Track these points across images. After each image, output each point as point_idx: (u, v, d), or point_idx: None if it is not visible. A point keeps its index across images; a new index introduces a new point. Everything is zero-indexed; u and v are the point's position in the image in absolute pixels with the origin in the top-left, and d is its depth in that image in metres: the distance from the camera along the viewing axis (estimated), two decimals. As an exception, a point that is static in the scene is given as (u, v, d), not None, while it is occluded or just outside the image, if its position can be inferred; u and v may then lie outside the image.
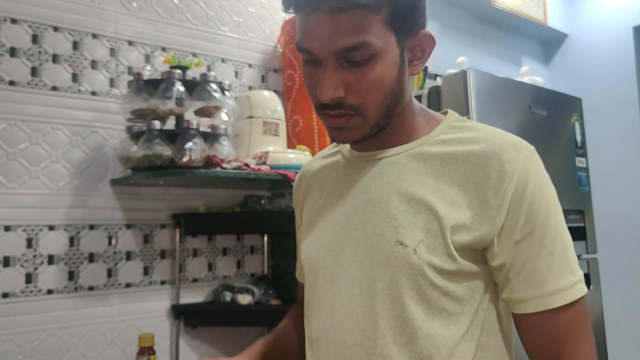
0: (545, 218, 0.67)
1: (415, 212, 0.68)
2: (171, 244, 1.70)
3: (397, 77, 0.70)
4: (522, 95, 1.66)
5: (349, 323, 0.71)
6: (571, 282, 0.66)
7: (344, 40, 0.65)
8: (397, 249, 0.68)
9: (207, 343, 1.74)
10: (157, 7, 1.74)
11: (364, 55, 0.66)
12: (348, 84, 0.68)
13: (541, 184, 0.68)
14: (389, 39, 0.67)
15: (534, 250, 0.66)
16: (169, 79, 1.46)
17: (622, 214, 2.71)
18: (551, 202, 0.69)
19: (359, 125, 0.71)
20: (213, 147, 1.50)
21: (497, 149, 0.68)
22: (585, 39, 3.00)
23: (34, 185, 1.49)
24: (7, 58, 1.48)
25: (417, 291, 0.67)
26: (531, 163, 0.68)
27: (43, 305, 1.47)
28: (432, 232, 0.67)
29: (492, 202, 0.66)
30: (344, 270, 0.73)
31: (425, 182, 0.70)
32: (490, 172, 0.67)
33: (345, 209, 0.76)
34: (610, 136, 2.78)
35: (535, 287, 0.66)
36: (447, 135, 0.73)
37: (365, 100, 0.69)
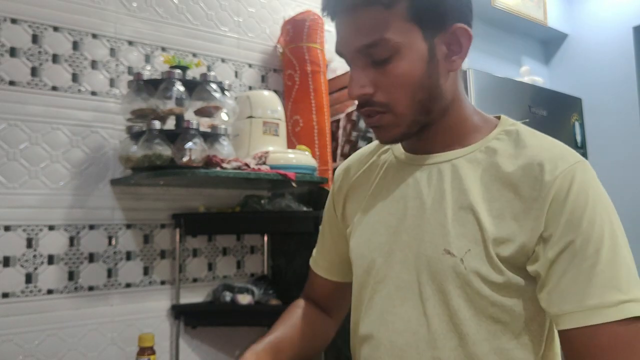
0: (589, 228, 0.63)
1: (463, 221, 0.68)
2: (171, 244, 1.70)
3: (425, 72, 0.68)
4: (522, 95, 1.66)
5: (400, 324, 0.72)
6: (617, 300, 0.60)
7: (363, 38, 0.67)
8: (445, 257, 0.68)
9: (207, 343, 1.74)
10: (157, 7, 1.74)
11: (385, 52, 0.67)
12: (376, 82, 0.69)
13: (586, 193, 0.64)
14: (412, 34, 0.67)
15: (574, 262, 0.62)
16: (169, 79, 1.45)
17: (622, 214, 2.70)
18: (598, 212, 0.64)
19: (394, 123, 0.71)
20: (213, 147, 1.50)
21: (541, 160, 0.67)
22: (585, 39, 3.00)
23: (34, 185, 1.49)
24: (7, 58, 1.48)
25: (465, 299, 0.67)
26: (577, 171, 0.65)
27: (43, 305, 1.47)
28: (479, 243, 0.66)
29: (533, 213, 0.65)
30: (395, 272, 0.74)
31: (475, 192, 0.69)
32: (533, 184, 0.66)
33: (398, 212, 0.76)
34: (610, 136, 2.79)
35: (573, 300, 0.62)
36: (499, 142, 0.72)
37: (394, 97, 0.69)
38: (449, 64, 0.71)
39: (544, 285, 0.65)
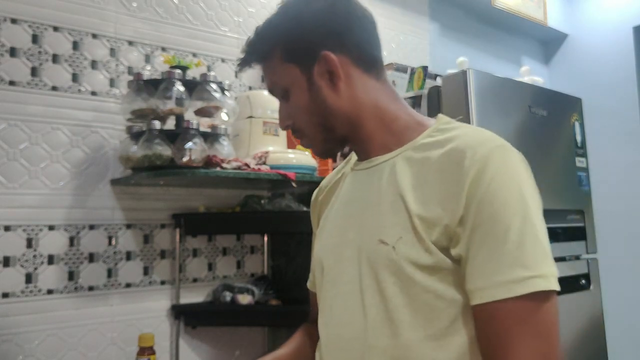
0: (501, 209, 0.66)
1: (396, 211, 0.73)
2: (171, 244, 1.70)
3: (309, 99, 0.79)
4: (522, 95, 1.66)
5: (345, 317, 0.77)
6: (523, 276, 0.63)
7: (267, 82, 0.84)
8: (379, 247, 0.73)
9: (207, 343, 1.74)
10: (157, 7, 1.74)
11: (280, 91, 0.81)
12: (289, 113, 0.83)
13: (501, 175, 0.67)
14: (292, 72, 0.79)
15: (486, 240, 0.66)
16: (169, 79, 1.45)
17: (622, 214, 2.71)
18: (512, 193, 0.67)
19: (311, 142, 0.83)
20: (213, 147, 1.50)
21: (464, 146, 0.70)
22: (585, 39, 3.00)
23: (34, 185, 1.49)
24: (7, 58, 1.48)
25: (399, 286, 0.71)
26: (493, 156, 0.68)
27: (43, 305, 1.47)
28: (409, 230, 0.71)
29: (454, 197, 0.68)
30: (343, 269, 0.79)
31: (405, 184, 0.74)
32: (455, 169, 0.69)
33: (347, 213, 0.83)
34: (610, 136, 2.79)
35: (483, 277, 0.65)
36: (431, 138, 0.77)
37: (298, 123, 0.82)
38: (333, 85, 0.79)
39: (465, 266, 0.68)
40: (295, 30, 0.79)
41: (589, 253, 1.82)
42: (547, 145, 1.70)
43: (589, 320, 1.75)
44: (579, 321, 1.70)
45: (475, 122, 1.46)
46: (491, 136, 0.73)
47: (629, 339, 2.60)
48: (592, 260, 1.83)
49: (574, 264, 1.77)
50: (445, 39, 2.63)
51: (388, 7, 2.41)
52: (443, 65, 2.20)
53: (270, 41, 0.79)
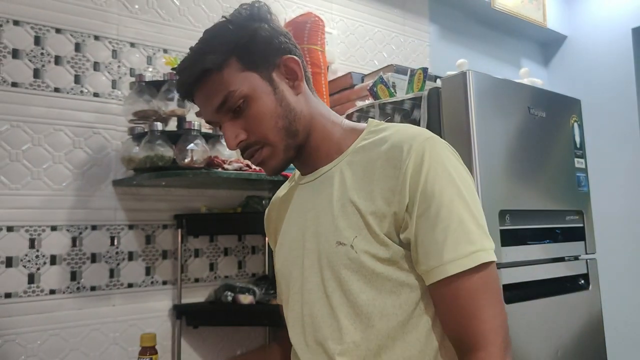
0: (440, 195, 0.72)
1: (348, 214, 0.77)
2: (173, 245, 1.71)
3: (275, 102, 0.80)
4: (521, 96, 1.67)
5: (316, 323, 0.80)
6: (468, 251, 0.71)
7: (214, 100, 0.79)
8: (338, 248, 0.77)
9: (208, 343, 1.75)
10: (158, 9, 1.75)
11: (237, 101, 0.78)
12: (244, 127, 0.80)
13: (436, 164, 0.74)
14: (251, 79, 0.79)
15: (432, 225, 0.72)
16: (171, 80, 1.46)
17: (621, 215, 2.72)
18: (447, 180, 0.73)
19: (272, 153, 0.81)
20: (214, 148, 1.51)
21: (399, 142, 0.76)
22: (584, 40, 3.02)
23: (37, 186, 1.50)
24: (10, 59, 1.49)
25: (364, 281, 0.75)
26: (426, 147, 0.74)
27: (45, 305, 1.48)
28: (362, 227, 0.75)
29: (398, 188, 0.74)
30: (306, 278, 0.82)
31: (351, 187, 0.79)
32: (394, 163, 0.75)
33: (301, 225, 0.86)
34: (609, 137, 2.80)
35: (433, 257, 0.71)
36: (366, 141, 0.82)
37: (262, 132, 0.80)
38: (293, 89, 0.83)
39: (414, 250, 0.74)
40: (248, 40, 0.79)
41: (588, 253, 1.83)
42: (546, 146, 1.71)
43: (588, 320, 1.76)
44: (578, 321, 1.71)
45: (474, 124, 1.47)
46: (421, 131, 0.79)
47: (628, 338, 2.61)
48: (590, 261, 1.83)
49: (572, 264, 1.78)
50: (445, 40, 2.64)
51: (388, 9, 2.42)
52: (443, 67, 2.21)
53: (224, 51, 0.78)
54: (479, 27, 2.82)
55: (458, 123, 1.48)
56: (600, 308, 1.83)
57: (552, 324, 1.60)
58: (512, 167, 1.53)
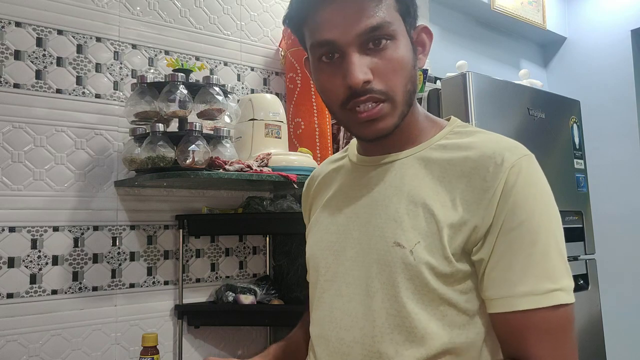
0: (529, 219, 0.66)
1: (414, 215, 0.70)
2: (174, 245, 1.72)
3: (413, 62, 0.72)
4: (521, 97, 1.68)
5: (347, 320, 0.73)
6: (546, 289, 0.64)
7: (368, 20, 0.67)
8: (395, 249, 0.69)
9: (210, 342, 1.76)
10: (160, 11, 1.76)
11: (385, 35, 0.68)
12: (374, 69, 0.69)
13: (530, 186, 0.67)
14: (400, 24, 0.71)
15: (512, 250, 0.65)
16: (172, 82, 1.47)
17: (619, 215, 2.73)
18: (538, 205, 0.67)
19: (390, 113, 0.71)
20: (216, 149, 1.52)
21: (491, 152, 0.69)
22: (583, 42, 3.03)
23: (39, 186, 1.50)
24: (12, 61, 1.49)
25: (414, 291, 0.68)
26: (523, 165, 0.68)
27: (47, 305, 1.49)
28: (430, 234, 0.68)
29: (484, 203, 0.67)
30: (345, 269, 0.75)
31: (425, 186, 0.71)
32: (485, 175, 0.68)
33: (349, 210, 0.77)
34: (608, 138, 2.81)
35: (506, 286, 0.65)
36: (448, 140, 0.74)
37: (393, 84, 0.69)
38: (418, 60, 0.75)
39: (484, 270, 0.67)
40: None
41: (587, 254, 1.84)
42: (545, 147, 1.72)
43: (588, 320, 1.76)
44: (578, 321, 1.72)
45: (474, 125, 1.48)
46: (516, 144, 0.72)
47: (627, 338, 2.62)
48: (590, 261, 1.84)
49: (572, 264, 1.78)
50: (445, 42, 2.65)
51: (388, 11, 2.43)
52: (443, 68, 2.22)
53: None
54: (479, 29, 2.83)
55: (458, 124, 1.49)
56: (599, 308, 1.84)
57: (552, 324, 1.60)
58: (511, 168, 1.54)
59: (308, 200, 0.93)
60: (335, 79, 0.71)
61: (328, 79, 0.72)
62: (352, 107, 0.70)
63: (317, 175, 0.92)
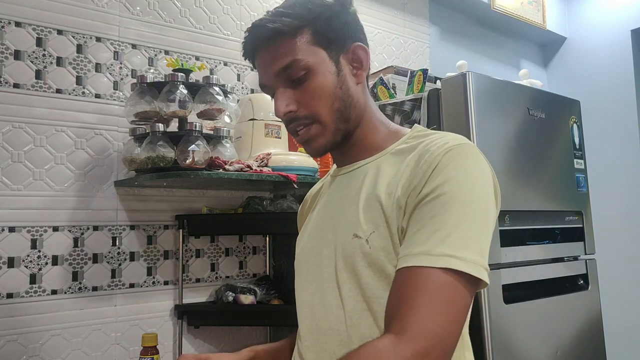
0: (449, 192, 0.69)
1: (369, 208, 0.77)
2: (174, 245, 1.72)
3: (337, 83, 0.80)
4: (521, 97, 1.68)
5: (323, 312, 0.80)
6: (441, 252, 0.65)
7: (278, 62, 0.79)
8: (354, 241, 0.76)
9: (209, 342, 1.76)
10: (160, 11, 1.76)
11: (300, 70, 0.78)
12: (297, 99, 0.80)
13: (460, 165, 0.71)
14: (319, 55, 0.80)
15: (424, 216, 0.70)
16: (172, 81, 1.47)
17: (619, 215, 2.73)
18: (463, 182, 0.70)
19: (320, 132, 0.81)
20: (216, 149, 1.52)
21: (434, 146, 0.75)
22: (583, 42, 3.03)
23: (39, 186, 1.51)
24: (12, 61, 1.49)
25: (373, 277, 0.74)
26: (458, 150, 0.73)
27: (47, 305, 1.49)
28: (381, 223, 0.75)
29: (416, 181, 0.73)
30: (322, 268, 0.82)
31: (380, 183, 0.78)
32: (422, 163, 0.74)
33: (325, 215, 0.87)
34: (608, 138, 2.81)
35: (410, 247, 0.69)
36: (406, 144, 0.82)
37: (315, 108, 0.80)
38: (355, 77, 0.83)
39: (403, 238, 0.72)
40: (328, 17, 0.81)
41: (587, 254, 1.84)
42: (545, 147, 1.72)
43: (587, 320, 1.76)
44: (578, 321, 1.72)
45: (474, 125, 1.48)
46: (459, 136, 0.78)
47: (627, 338, 2.62)
48: (590, 261, 1.84)
49: (572, 264, 1.79)
50: (445, 42, 2.65)
51: (389, 11, 2.43)
52: (443, 68, 2.22)
53: (302, 20, 0.79)
54: (479, 29, 2.83)
55: (458, 124, 1.49)
56: (599, 308, 1.84)
57: (552, 324, 1.60)
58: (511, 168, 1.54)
59: (302, 220, 1.01)
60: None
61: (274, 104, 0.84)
62: (292, 131, 0.84)
63: (308, 197, 1.02)
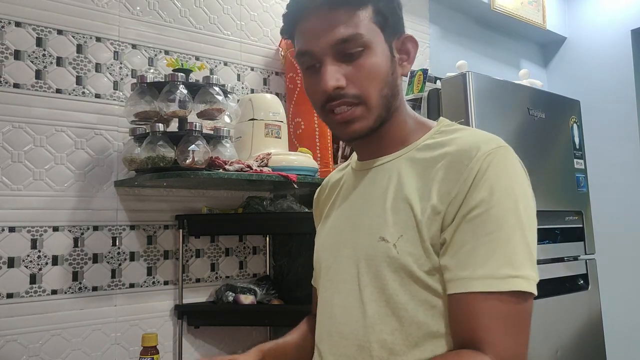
0: (496, 205, 0.67)
1: (397, 210, 0.74)
2: (174, 245, 1.72)
3: (389, 68, 0.77)
4: (521, 97, 1.68)
5: (344, 315, 0.78)
6: (506, 274, 0.65)
7: (339, 32, 0.73)
8: (380, 244, 0.74)
9: (209, 342, 1.76)
10: (160, 11, 1.76)
11: (358, 45, 0.73)
12: (348, 75, 0.74)
13: (502, 173, 0.69)
14: (377, 33, 0.76)
15: (476, 234, 0.67)
16: (172, 82, 1.47)
17: (619, 215, 2.73)
18: (508, 192, 0.68)
19: (364, 115, 0.76)
20: (216, 149, 1.52)
21: (468, 146, 0.72)
22: (583, 42, 3.03)
23: (39, 186, 1.50)
24: (12, 61, 1.49)
25: (400, 282, 0.72)
26: (496, 155, 0.70)
27: (47, 305, 1.49)
28: (410, 227, 0.72)
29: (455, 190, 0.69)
30: (342, 267, 0.80)
31: (408, 183, 0.75)
32: (459, 168, 0.71)
33: (346, 212, 0.84)
34: (608, 138, 2.81)
35: (467, 268, 0.66)
36: (434, 140, 0.78)
37: (366, 88, 0.75)
38: (401, 68, 0.80)
39: (445, 251, 0.69)
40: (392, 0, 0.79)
41: (587, 254, 1.84)
42: (545, 147, 1.72)
43: (588, 320, 1.76)
44: (578, 321, 1.72)
45: (474, 125, 1.48)
46: (494, 137, 0.75)
47: (627, 338, 2.62)
48: (590, 261, 1.84)
49: (572, 264, 1.79)
50: (445, 42, 2.65)
51: (388, 10, 2.43)
52: (443, 68, 2.22)
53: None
54: (479, 29, 2.83)
55: (458, 124, 1.49)
56: (599, 308, 1.84)
57: (552, 323, 1.60)
58: (511, 168, 1.54)
59: (318, 208, 0.98)
60: (315, 85, 0.77)
61: (310, 85, 0.79)
62: (330, 110, 0.77)
63: (326, 184, 0.98)
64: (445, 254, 0.69)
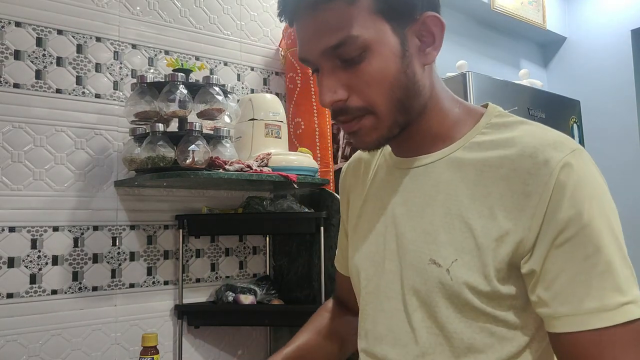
0: (588, 225, 0.58)
1: (449, 227, 0.64)
2: (174, 245, 1.72)
3: (400, 68, 0.64)
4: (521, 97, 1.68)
5: (391, 337, 0.70)
6: (617, 303, 0.56)
7: (327, 39, 0.62)
8: (431, 267, 0.64)
9: (209, 342, 1.76)
10: (160, 11, 1.76)
11: (354, 50, 0.62)
12: (349, 84, 0.64)
13: (584, 186, 0.59)
14: (380, 28, 0.63)
15: (572, 261, 0.58)
16: (172, 82, 1.47)
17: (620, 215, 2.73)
18: (596, 206, 0.59)
19: (374, 126, 0.65)
20: (216, 149, 1.52)
21: (532, 150, 0.61)
22: (583, 42, 3.03)
23: (39, 186, 1.50)
24: (12, 61, 1.49)
25: (454, 310, 0.64)
26: (572, 163, 0.59)
27: (47, 305, 1.49)
28: (468, 251, 0.62)
29: (528, 210, 0.59)
30: (385, 282, 0.71)
31: (460, 194, 0.65)
32: (525, 178, 0.60)
33: (387, 219, 0.73)
34: (608, 138, 2.81)
35: (570, 302, 0.57)
36: (484, 136, 0.67)
37: (371, 98, 0.64)
38: (423, 57, 0.67)
39: (537, 284, 0.60)
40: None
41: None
42: (545, 147, 1.72)
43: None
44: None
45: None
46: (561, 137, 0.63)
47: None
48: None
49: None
50: (445, 41, 2.63)
51: (388, 10, 2.43)
52: (443, 68, 2.22)
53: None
54: (479, 29, 2.83)
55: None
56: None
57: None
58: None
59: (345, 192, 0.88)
60: None
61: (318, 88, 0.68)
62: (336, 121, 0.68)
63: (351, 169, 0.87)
64: (537, 286, 0.60)
